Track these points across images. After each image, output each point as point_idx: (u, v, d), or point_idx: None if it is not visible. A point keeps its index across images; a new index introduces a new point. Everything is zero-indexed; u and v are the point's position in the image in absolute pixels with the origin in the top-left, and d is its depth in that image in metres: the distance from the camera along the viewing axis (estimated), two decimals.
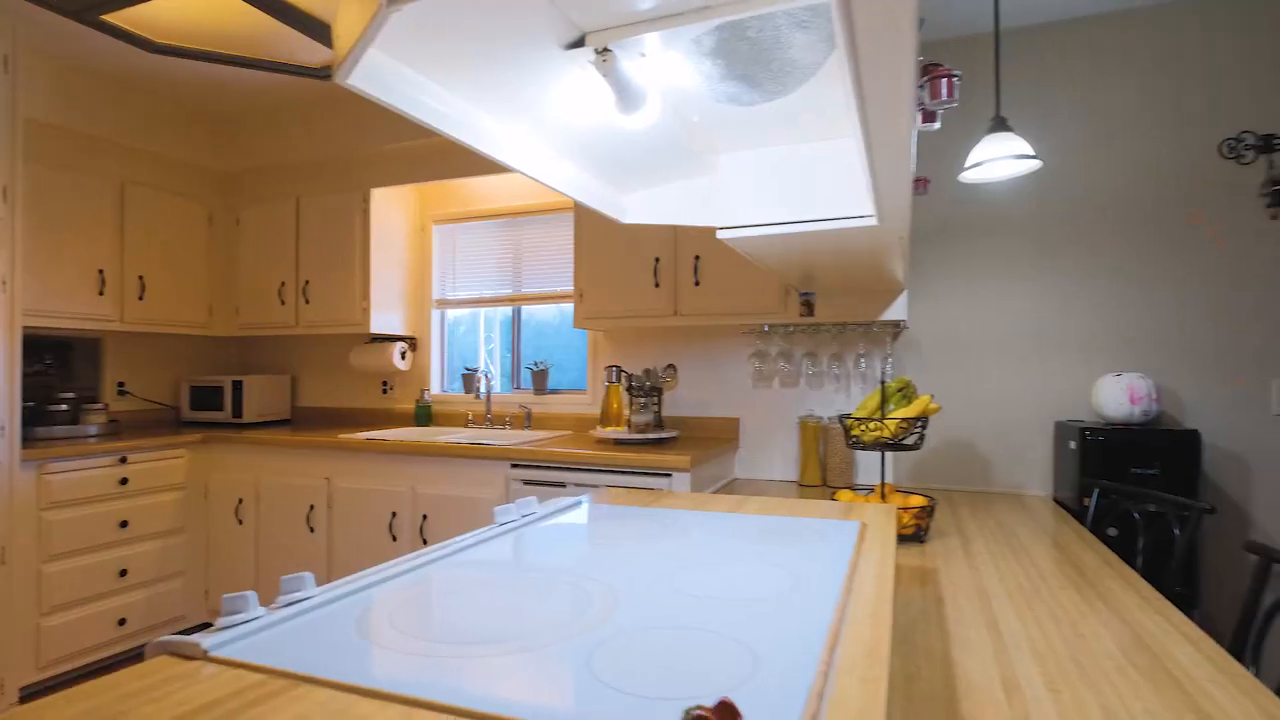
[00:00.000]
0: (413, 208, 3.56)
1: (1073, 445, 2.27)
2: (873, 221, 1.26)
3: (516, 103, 0.96)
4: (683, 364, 3.02)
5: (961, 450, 2.63)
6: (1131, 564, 2.00)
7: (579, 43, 0.82)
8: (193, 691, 0.61)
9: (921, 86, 1.17)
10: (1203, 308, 2.35)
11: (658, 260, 2.67)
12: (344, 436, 2.91)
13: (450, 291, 3.55)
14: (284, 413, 3.72)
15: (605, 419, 2.82)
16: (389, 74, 0.77)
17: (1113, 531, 2.15)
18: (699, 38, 0.82)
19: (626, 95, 0.87)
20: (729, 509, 1.41)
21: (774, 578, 0.91)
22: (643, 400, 2.74)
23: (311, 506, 2.94)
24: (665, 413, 3.03)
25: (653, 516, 1.32)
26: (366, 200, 3.29)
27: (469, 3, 0.72)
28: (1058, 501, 2.40)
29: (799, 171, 1.37)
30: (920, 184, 2.24)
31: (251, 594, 0.79)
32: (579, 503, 1.45)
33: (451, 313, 3.60)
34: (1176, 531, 1.77)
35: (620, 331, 3.13)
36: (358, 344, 3.60)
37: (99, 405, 3.09)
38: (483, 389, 3.31)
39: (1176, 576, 1.75)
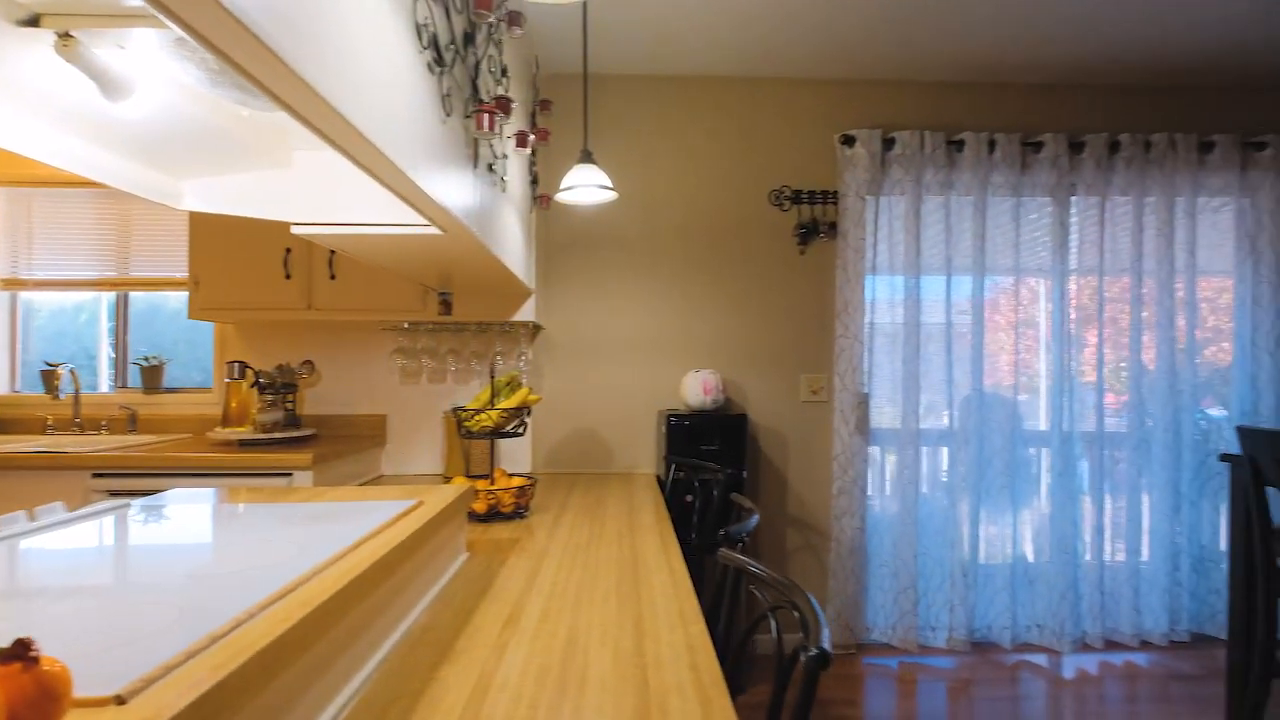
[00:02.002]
0: None
1: (664, 429, 2.75)
2: (435, 230, 1.41)
3: None
4: (327, 361, 2.91)
5: (589, 437, 3.00)
6: (691, 521, 2.50)
7: (34, 22, 0.80)
8: None
9: (468, 116, 1.35)
10: (756, 319, 3.03)
11: (289, 251, 2.55)
12: None
13: (25, 270, 2.91)
14: None
15: (226, 419, 2.59)
16: None
17: (690, 498, 2.65)
18: (181, 39, 0.86)
19: (106, 83, 0.86)
20: (304, 499, 1.44)
21: (281, 552, 0.98)
22: (272, 398, 2.59)
23: None
24: (309, 411, 2.89)
25: (211, 512, 1.30)
26: None
27: None
28: (658, 477, 2.88)
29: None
30: (543, 200, 2.51)
31: None
32: (126, 504, 1.35)
33: (31, 296, 2.96)
34: (715, 493, 2.27)
35: (252, 325, 2.90)
36: None
37: None
38: (67, 387, 2.78)
39: (713, 527, 2.25)
